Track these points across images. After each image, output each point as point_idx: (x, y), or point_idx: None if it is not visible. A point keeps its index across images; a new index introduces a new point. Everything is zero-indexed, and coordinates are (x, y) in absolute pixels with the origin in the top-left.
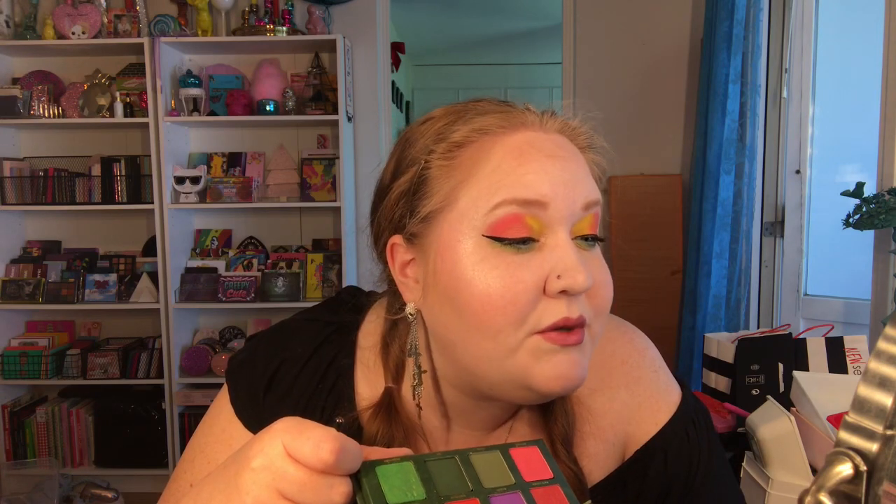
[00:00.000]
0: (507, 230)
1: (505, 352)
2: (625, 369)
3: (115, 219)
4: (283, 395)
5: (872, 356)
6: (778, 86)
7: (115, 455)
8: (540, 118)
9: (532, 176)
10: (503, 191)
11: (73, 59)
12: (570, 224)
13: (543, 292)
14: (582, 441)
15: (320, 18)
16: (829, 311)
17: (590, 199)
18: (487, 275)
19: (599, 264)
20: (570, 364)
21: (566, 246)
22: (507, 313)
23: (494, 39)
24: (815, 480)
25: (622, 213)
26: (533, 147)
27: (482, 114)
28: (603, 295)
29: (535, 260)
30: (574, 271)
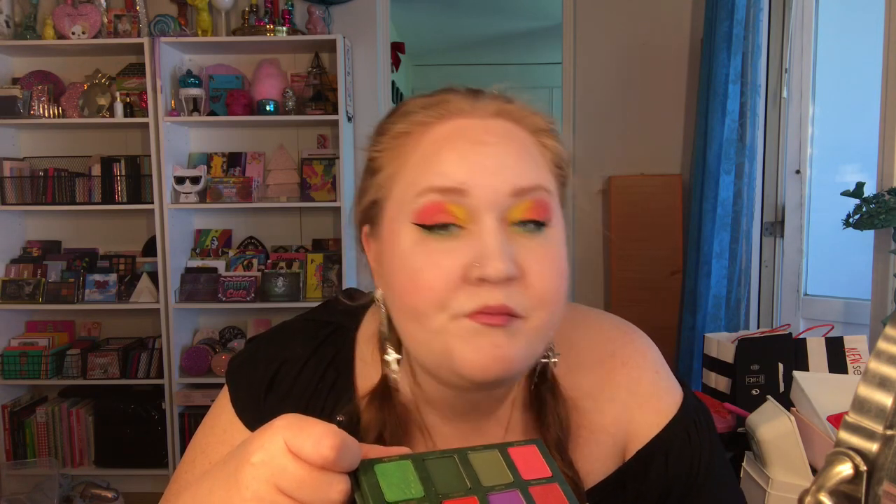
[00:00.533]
0: (431, 217)
1: (430, 334)
2: (625, 370)
3: (115, 219)
4: (284, 396)
5: (872, 356)
6: (778, 86)
7: (115, 455)
8: (470, 105)
9: (450, 164)
10: (425, 179)
11: (73, 59)
12: (500, 211)
13: (467, 279)
14: (578, 444)
15: (320, 18)
16: (829, 311)
17: (520, 186)
18: (413, 260)
19: (543, 253)
20: (491, 348)
21: (487, 233)
22: (426, 297)
23: (494, 39)
24: (815, 480)
25: (622, 213)
26: (458, 134)
27: (425, 107)
28: (542, 286)
29: (459, 247)
30: (490, 259)
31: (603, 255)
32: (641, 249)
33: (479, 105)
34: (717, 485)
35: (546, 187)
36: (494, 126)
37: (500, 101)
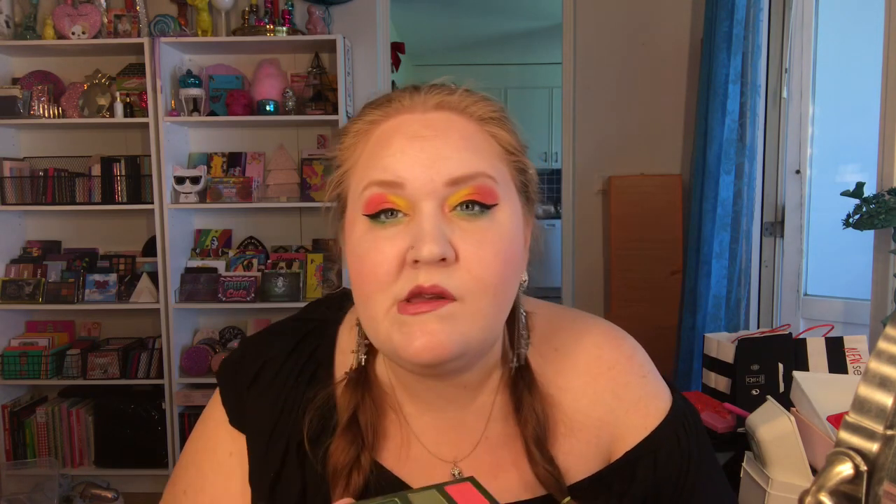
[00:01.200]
0: (374, 207)
1: (377, 319)
2: (611, 374)
3: (115, 219)
4: (264, 391)
5: (872, 356)
6: (778, 86)
7: (115, 455)
8: (411, 100)
9: (389, 159)
10: (368, 174)
11: (73, 59)
12: (439, 199)
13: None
14: (557, 439)
15: (320, 18)
16: (829, 311)
17: (455, 175)
18: (361, 247)
19: (482, 237)
20: (422, 334)
21: (423, 217)
22: (371, 282)
23: (494, 39)
24: (815, 480)
25: (622, 213)
26: (398, 130)
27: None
28: (479, 268)
29: (400, 233)
30: (424, 241)
31: (603, 255)
32: (641, 249)
33: (420, 99)
34: (707, 487)
35: (488, 174)
36: (435, 119)
37: (442, 94)
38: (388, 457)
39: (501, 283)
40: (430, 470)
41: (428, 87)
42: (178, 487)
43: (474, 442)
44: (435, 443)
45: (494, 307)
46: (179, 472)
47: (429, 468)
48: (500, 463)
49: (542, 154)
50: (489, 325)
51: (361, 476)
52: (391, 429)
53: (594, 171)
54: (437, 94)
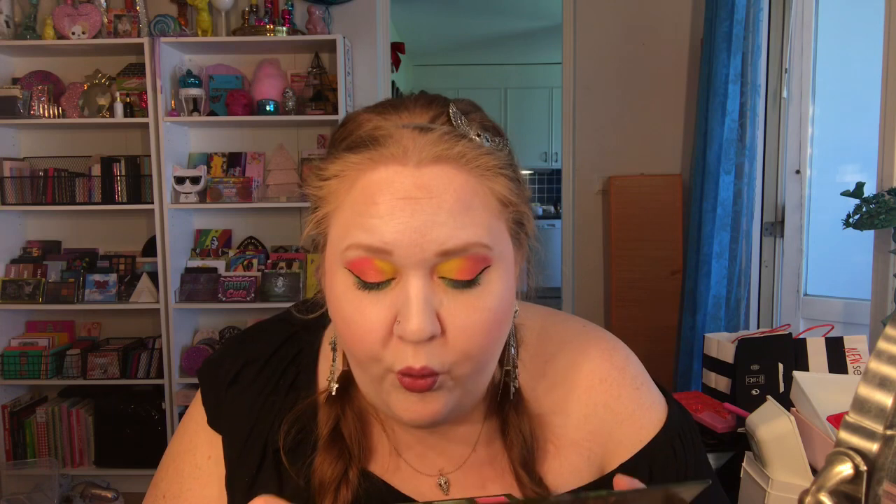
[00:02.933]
0: (361, 272)
1: (372, 380)
2: (603, 388)
3: (115, 219)
4: (243, 392)
5: (872, 356)
6: (778, 86)
7: (115, 455)
8: (405, 151)
9: (377, 220)
10: (352, 233)
11: (73, 59)
12: (427, 268)
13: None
14: (546, 459)
15: (320, 18)
16: (829, 311)
17: (447, 248)
18: (347, 306)
19: (470, 310)
20: (421, 407)
21: (409, 291)
22: (361, 348)
23: (494, 39)
24: (815, 480)
25: (622, 213)
26: (388, 188)
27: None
28: (463, 343)
29: (386, 299)
30: (410, 319)
31: (603, 255)
32: (641, 249)
33: (417, 149)
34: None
35: (482, 243)
36: (430, 176)
37: (444, 145)
38: (375, 465)
39: (487, 351)
40: (418, 478)
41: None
42: (158, 490)
43: (461, 460)
44: (423, 452)
45: (478, 371)
46: (160, 474)
47: (417, 476)
48: (485, 474)
49: (542, 154)
50: (475, 384)
51: (350, 490)
52: (377, 438)
53: (594, 171)
54: (437, 145)
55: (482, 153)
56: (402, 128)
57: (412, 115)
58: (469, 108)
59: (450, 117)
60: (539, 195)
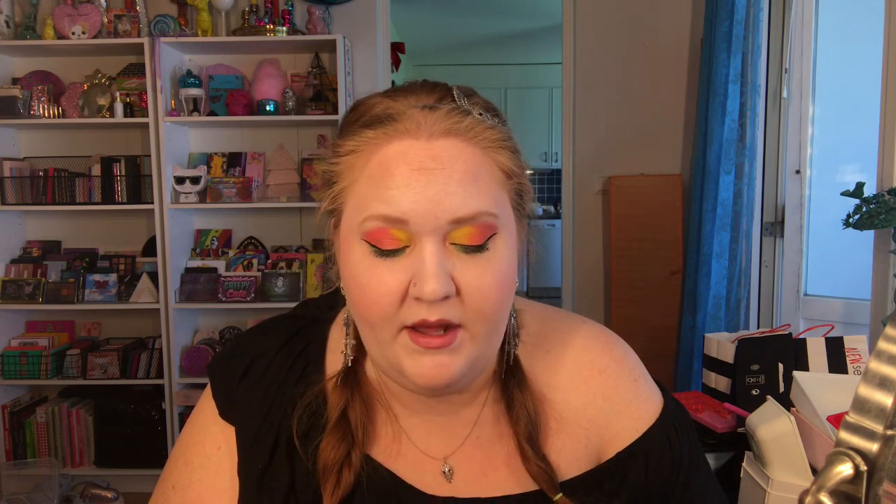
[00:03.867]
0: (377, 241)
1: (382, 342)
2: (602, 378)
3: (115, 219)
4: (254, 385)
5: (872, 356)
6: (778, 86)
7: (115, 455)
8: (418, 125)
9: (394, 192)
10: (370, 206)
11: (73, 59)
12: (441, 235)
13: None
14: (548, 437)
15: (320, 18)
16: (829, 311)
17: (459, 216)
18: (363, 273)
19: (481, 271)
20: (434, 366)
21: (425, 256)
22: (374, 311)
23: (494, 39)
24: (815, 480)
25: (622, 213)
26: (403, 159)
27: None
28: (478, 301)
29: (401, 265)
30: (424, 281)
31: (603, 255)
32: (641, 249)
33: (428, 124)
34: (698, 489)
35: (489, 212)
36: (441, 148)
37: (452, 119)
38: (379, 452)
39: (499, 308)
40: (422, 465)
41: (439, 110)
42: (167, 482)
43: (464, 440)
44: (425, 440)
45: (493, 329)
46: (170, 467)
47: (420, 463)
48: (491, 460)
49: (543, 154)
50: (489, 343)
51: (352, 472)
52: (381, 425)
53: (594, 171)
54: (446, 120)
55: (487, 127)
56: (412, 107)
57: (419, 97)
58: (470, 91)
59: (454, 97)
60: (539, 195)
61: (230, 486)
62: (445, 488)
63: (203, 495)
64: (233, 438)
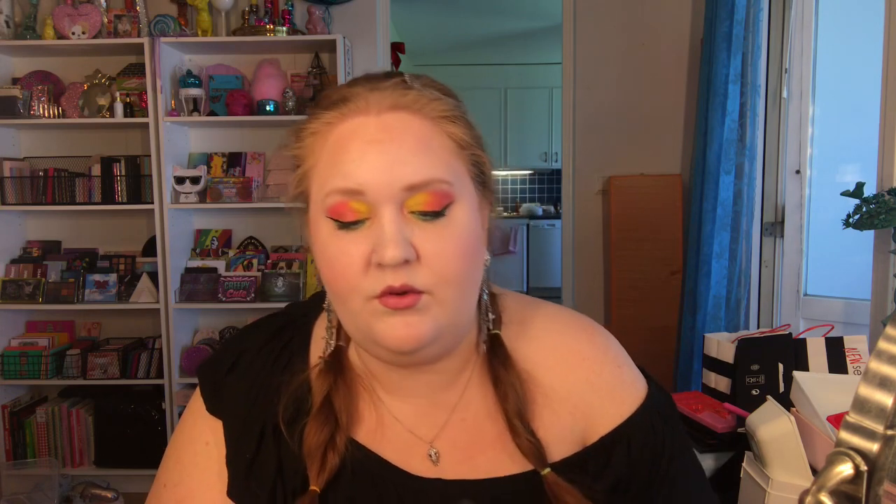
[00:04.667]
0: (339, 215)
1: (352, 314)
2: (586, 365)
3: (115, 219)
4: (241, 377)
5: (873, 356)
6: (778, 86)
7: (115, 455)
8: (367, 103)
9: (350, 165)
10: (330, 181)
11: (73, 59)
12: (397, 203)
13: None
14: (536, 412)
15: (320, 18)
16: (829, 311)
17: (413, 181)
18: (329, 248)
19: (440, 237)
20: (403, 325)
21: (384, 223)
22: (341, 283)
23: (494, 39)
24: (815, 480)
25: (622, 213)
26: (356, 135)
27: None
28: (440, 265)
29: (363, 235)
30: (384, 247)
31: (603, 255)
32: (641, 249)
33: (375, 100)
34: (682, 473)
35: (442, 178)
36: (390, 121)
37: (397, 94)
38: (364, 435)
39: (463, 274)
40: (408, 448)
41: (384, 86)
42: (159, 482)
43: (451, 423)
44: (410, 424)
45: (460, 295)
46: (162, 467)
47: (406, 447)
48: (477, 443)
49: (542, 154)
50: (458, 310)
51: (336, 455)
52: (366, 410)
53: (594, 171)
54: (392, 95)
55: (433, 99)
56: (363, 88)
57: (370, 81)
58: (423, 75)
59: (404, 79)
60: (539, 195)
61: (219, 479)
62: (432, 471)
63: (193, 490)
64: (220, 432)
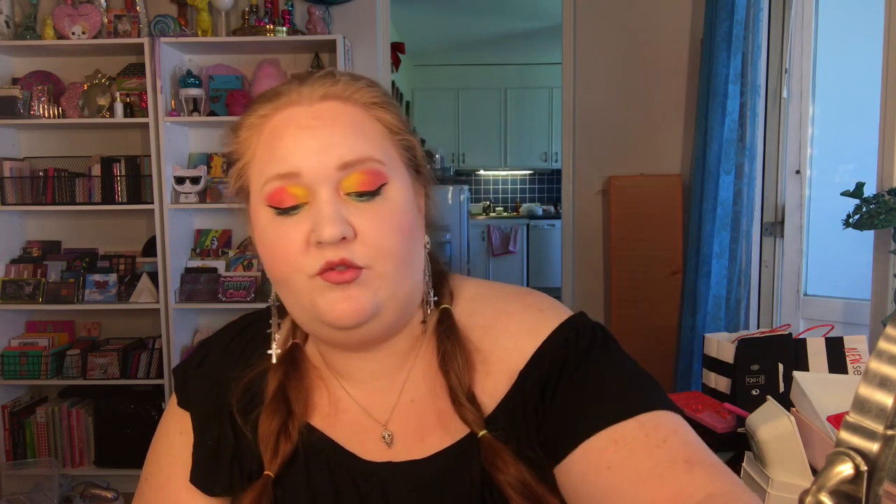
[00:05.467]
0: (278, 202)
1: (296, 295)
2: (508, 318)
3: (115, 219)
4: (207, 371)
5: (873, 356)
6: (778, 86)
7: (115, 455)
8: (298, 94)
9: (284, 150)
10: (267, 168)
11: (73, 59)
12: (333, 183)
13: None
14: (476, 381)
15: (320, 18)
16: (829, 311)
17: (345, 160)
18: (269, 234)
19: (375, 215)
20: (344, 299)
21: (319, 204)
22: (283, 264)
23: (494, 39)
24: (815, 480)
25: (622, 213)
26: (290, 123)
27: (267, 100)
28: (376, 241)
29: (301, 219)
30: (321, 226)
31: (603, 255)
32: (641, 249)
33: (307, 92)
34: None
35: (375, 157)
36: (322, 109)
37: (326, 85)
38: (319, 421)
39: (400, 249)
40: (363, 431)
41: (313, 79)
42: (142, 477)
43: (401, 405)
44: (364, 408)
45: (399, 271)
46: (144, 465)
47: (361, 430)
48: (426, 422)
49: (542, 154)
50: (397, 283)
51: (289, 442)
52: (322, 398)
53: (594, 171)
54: (321, 86)
55: (359, 87)
56: (295, 83)
57: (301, 77)
58: (352, 72)
59: (332, 71)
60: (539, 195)
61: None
62: (386, 454)
63: (170, 477)
64: (189, 423)
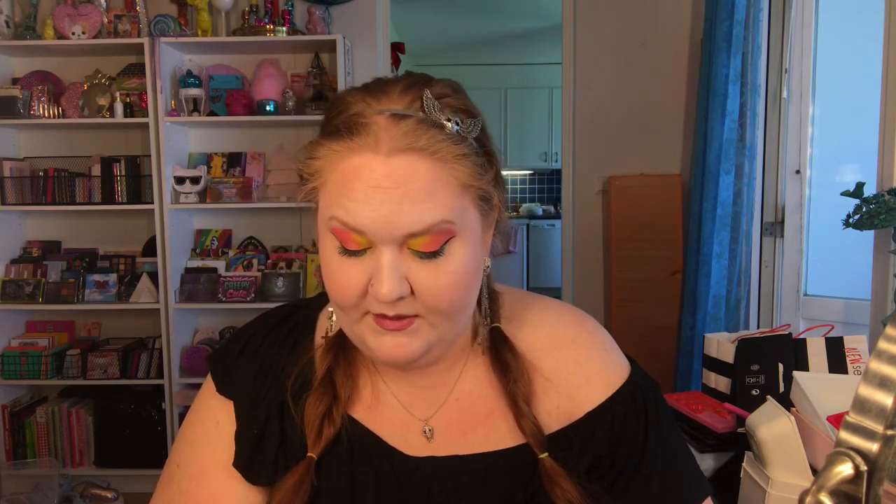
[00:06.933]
0: (343, 241)
1: (351, 322)
2: (574, 346)
3: (115, 219)
4: (250, 359)
5: (873, 356)
6: (778, 86)
7: (115, 455)
8: (378, 141)
9: (353, 204)
10: (334, 209)
11: (73, 59)
12: (397, 243)
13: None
14: (536, 396)
15: (320, 18)
16: (829, 311)
17: (413, 231)
18: (331, 265)
19: (435, 274)
20: (393, 346)
21: (382, 260)
22: (341, 299)
23: (494, 39)
24: (815, 480)
25: (622, 213)
26: (361, 175)
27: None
28: (432, 300)
29: (363, 264)
30: (380, 284)
31: (603, 255)
32: (641, 249)
33: (388, 138)
34: (665, 450)
35: (445, 219)
36: (398, 165)
37: (410, 138)
38: (361, 413)
39: (455, 305)
40: (402, 426)
41: (399, 126)
42: (172, 463)
43: (444, 403)
44: (406, 403)
45: (451, 318)
46: (174, 449)
47: (401, 425)
48: (469, 420)
49: (543, 154)
50: (449, 330)
51: (333, 427)
52: (364, 388)
53: (594, 171)
54: (405, 138)
55: (446, 142)
56: (378, 114)
57: (390, 100)
58: (446, 90)
59: (422, 108)
60: (539, 195)
61: (229, 455)
62: (426, 448)
63: (206, 468)
64: (230, 411)
